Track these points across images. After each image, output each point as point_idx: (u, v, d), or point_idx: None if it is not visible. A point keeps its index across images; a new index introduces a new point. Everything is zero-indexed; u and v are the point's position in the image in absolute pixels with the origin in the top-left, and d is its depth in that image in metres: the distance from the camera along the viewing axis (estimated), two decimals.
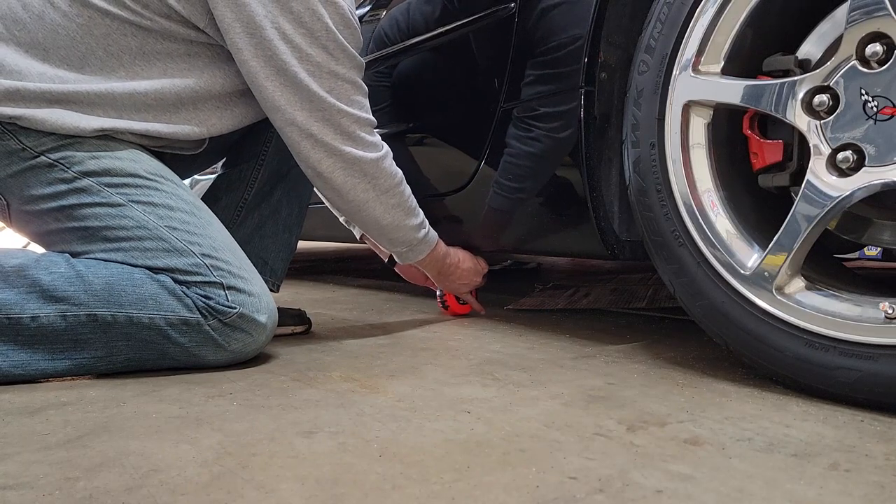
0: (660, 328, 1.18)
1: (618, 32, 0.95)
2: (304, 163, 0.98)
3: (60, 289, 0.84)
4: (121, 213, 0.88)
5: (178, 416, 0.70)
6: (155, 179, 0.92)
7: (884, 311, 0.67)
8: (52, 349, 0.85)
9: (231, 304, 0.87)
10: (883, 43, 0.66)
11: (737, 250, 0.79)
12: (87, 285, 0.85)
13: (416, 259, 1.15)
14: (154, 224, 0.89)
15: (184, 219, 0.91)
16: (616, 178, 1.00)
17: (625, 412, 0.70)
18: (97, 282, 0.85)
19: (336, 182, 0.99)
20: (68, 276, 0.85)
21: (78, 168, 0.88)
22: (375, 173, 1.01)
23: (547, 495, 0.50)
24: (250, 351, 0.91)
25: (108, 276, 0.86)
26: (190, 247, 0.89)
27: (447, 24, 1.22)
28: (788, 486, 0.52)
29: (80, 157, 0.89)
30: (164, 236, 0.88)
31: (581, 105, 0.96)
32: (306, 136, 0.95)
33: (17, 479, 0.54)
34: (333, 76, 0.94)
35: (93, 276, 0.86)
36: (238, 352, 0.90)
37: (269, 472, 0.55)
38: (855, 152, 0.69)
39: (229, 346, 0.89)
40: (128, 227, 0.88)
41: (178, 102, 0.95)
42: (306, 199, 1.25)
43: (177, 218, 0.90)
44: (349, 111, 0.96)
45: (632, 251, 1.01)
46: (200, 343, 0.88)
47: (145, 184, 0.91)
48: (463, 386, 0.80)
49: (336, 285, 1.94)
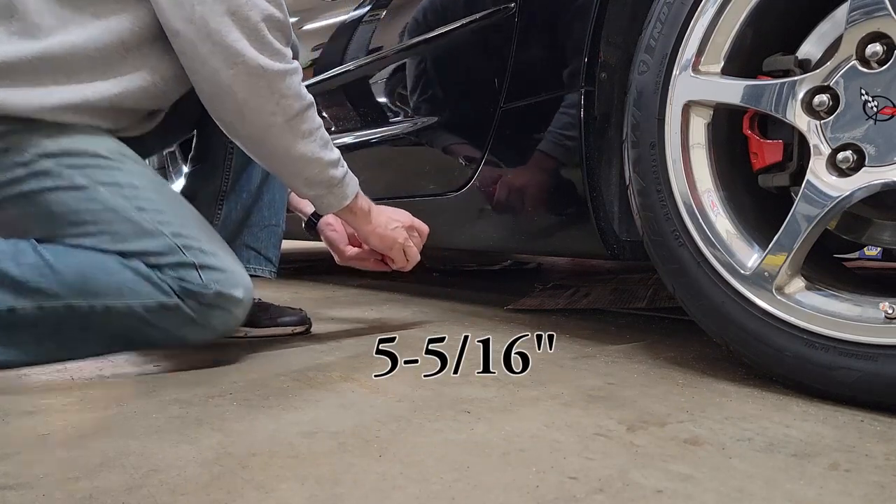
0: (660, 328, 1.18)
1: (618, 32, 0.95)
2: (199, 75, 0.86)
3: (32, 281, 0.82)
4: (87, 197, 0.85)
5: (178, 416, 0.70)
6: (117, 158, 0.88)
7: (884, 311, 0.67)
8: (34, 337, 0.84)
9: (206, 283, 0.86)
10: (883, 43, 0.66)
11: (737, 250, 0.79)
12: (59, 276, 0.83)
13: (339, 206, 0.99)
14: (122, 206, 0.85)
15: (151, 197, 0.88)
16: (616, 178, 1.00)
17: (625, 412, 0.70)
18: (68, 272, 0.83)
19: (238, 97, 0.85)
20: (38, 266, 0.83)
21: (34, 150, 0.83)
22: (283, 90, 0.87)
23: (547, 495, 0.50)
24: (231, 326, 0.91)
25: (79, 266, 0.84)
26: (160, 227, 0.86)
27: (448, 23, 1.22)
28: (788, 486, 0.52)
29: (36, 139, 0.84)
30: (133, 218, 0.85)
31: (581, 105, 0.97)
32: (204, 37, 0.82)
33: (17, 479, 0.54)
34: None
35: (63, 266, 0.83)
36: (218, 328, 0.89)
37: (269, 472, 0.55)
38: (855, 152, 0.69)
39: (210, 324, 0.88)
40: (95, 210, 0.85)
41: (123, 49, 0.86)
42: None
43: (144, 197, 0.87)
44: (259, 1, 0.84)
45: (632, 251, 1.01)
46: (181, 325, 0.86)
47: (108, 164, 0.87)
48: (463, 386, 0.80)
49: (336, 285, 1.94)
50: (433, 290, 1.79)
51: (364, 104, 1.52)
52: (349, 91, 1.56)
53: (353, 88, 1.54)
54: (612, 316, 1.32)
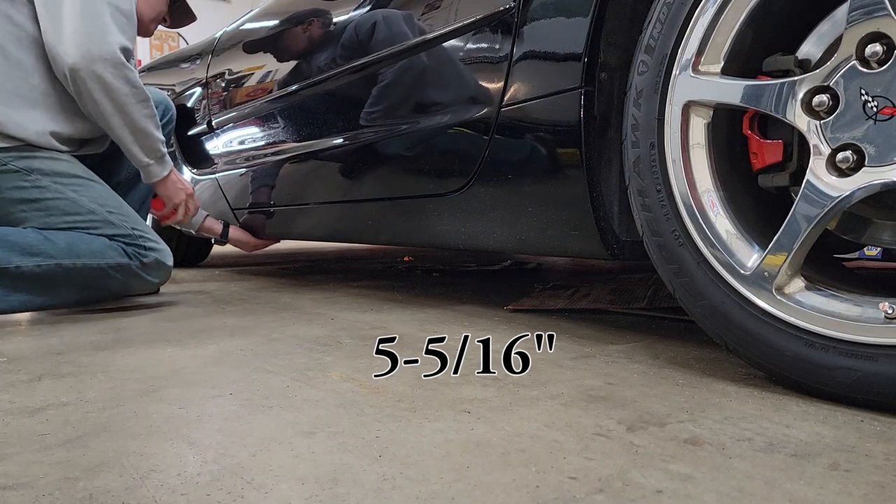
0: (660, 328, 1.18)
1: (618, 32, 0.95)
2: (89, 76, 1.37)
3: (35, 247, 1.33)
4: (75, 202, 1.40)
5: (178, 415, 0.70)
6: (91, 178, 1.46)
7: (884, 311, 0.67)
8: (32, 289, 1.34)
9: (149, 255, 1.46)
10: (883, 43, 0.66)
11: (737, 250, 0.79)
12: (53, 244, 1.35)
13: (162, 174, 1.57)
14: (97, 209, 1.43)
15: (114, 204, 1.46)
16: (616, 178, 1.00)
17: (625, 412, 0.70)
18: (60, 242, 1.36)
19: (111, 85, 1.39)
20: (38, 238, 1.34)
21: (37, 172, 1.39)
22: (136, 82, 1.44)
23: (547, 495, 0.50)
24: (161, 281, 1.52)
25: (67, 238, 1.37)
26: (123, 222, 1.45)
27: (449, 24, 1.22)
28: (788, 486, 0.52)
29: (37, 164, 1.39)
30: (106, 218, 1.43)
31: (581, 105, 0.97)
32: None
33: (17, 479, 0.54)
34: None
35: (56, 238, 1.36)
36: (153, 282, 1.50)
37: (269, 472, 0.55)
38: (855, 152, 0.69)
39: (149, 278, 1.48)
40: (81, 212, 1.41)
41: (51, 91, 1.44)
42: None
43: (111, 204, 1.45)
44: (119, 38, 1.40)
45: (632, 251, 1.01)
46: (131, 278, 1.45)
47: (84, 183, 1.44)
48: (463, 386, 0.80)
49: (336, 285, 1.94)
50: (433, 290, 1.79)
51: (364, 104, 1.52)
52: (348, 91, 1.56)
53: (353, 89, 1.54)
54: (612, 316, 1.32)
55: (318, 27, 1.71)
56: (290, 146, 1.81)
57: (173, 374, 0.88)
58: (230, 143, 2.12)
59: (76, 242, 1.36)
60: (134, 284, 1.46)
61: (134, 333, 1.20)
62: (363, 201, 1.57)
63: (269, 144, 1.93)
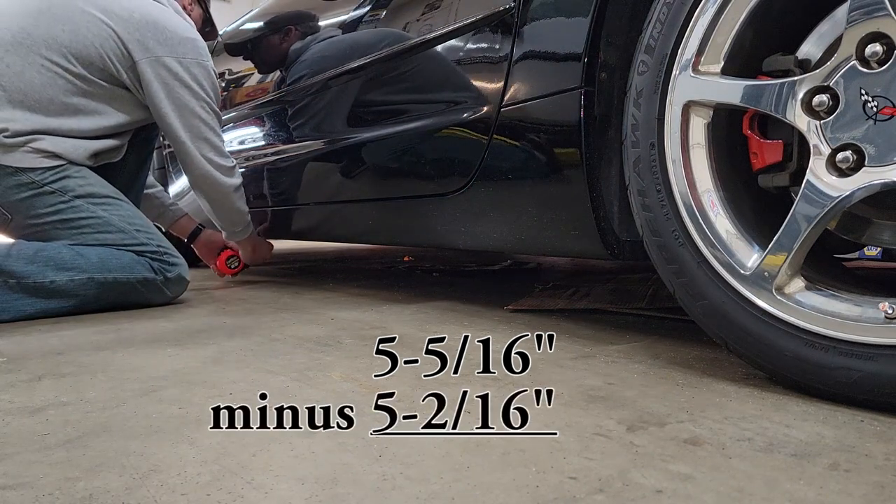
0: (660, 328, 1.18)
1: (618, 32, 0.95)
2: (203, 175, 1.65)
3: (69, 262, 1.41)
4: (106, 222, 1.49)
5: (178, 416, 0.70)
6: (119, 198, 1.55)
7: (883, 311, 0.67)
8: (63, 300, 1.41)
9: (172, 270, 1.55)
10: (883, 43, 0.66)
11: (737, 250, 0.79)
12: (86, 260, 1.42)
13: (243, 236, 1.84)
14: (127, 228, 1.51)
15: (141, 223, 1.56)
16: (616, 178, 1.00)
17: (625, 412, 0.70)
18: (92, 257, 1.43)
19: (222, 182, 1.68)
20: (72, 254, 1.42)
21: (71, 193, 1.47)
22: (238, 175, 1.73)
23: (547, 495, 0.50)
24: (177, 295, 1.59)
25: (99, 253, 1.45)
26: (148, 240, 1.53)
27: (449, 24, 1.22)
28: (788, 486, 0.52)
29: (72, 185, 1.47)
30: (134, 235, 1.52)
31: (581, 105, 0.97)
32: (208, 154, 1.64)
33: (16, 479, 0.54)
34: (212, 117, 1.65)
35: (88, 253, 1.44)
36: (173, 295, 1.57)
37: (269, 472, 0.55)
38: (855, 152, 0.69)
39: (168, 293, 1.56)
40: (112, 230, 1.50)
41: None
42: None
43: (137, 223, 1.55)
44: (218, 142, 1.67)
45: (632, 251, 1.01)
46: (153, 292, 1.53)
47: (114, 202, 1.53)
48: (463, 386, 0.80)
49: (336, 285, 1.94)
50: (433, 290, 1.79)
51: (364, 104, 1.52)
52: (348, 92, 1.56)
53: (353, 89, 1.54)
54: (612, 316, 1.32)
55: (317, 27, 1.71)
56: (290, 146, 1.81)
57: (173, 374, 0.88)
58: (230, 144, 2.12)
59: (107, 258, 1.44)
60: (155, 298, 1.53)
61: (134, 333, 1.20)
62: (363, 201, 1.57)
63: (268, 144, 1.93)
